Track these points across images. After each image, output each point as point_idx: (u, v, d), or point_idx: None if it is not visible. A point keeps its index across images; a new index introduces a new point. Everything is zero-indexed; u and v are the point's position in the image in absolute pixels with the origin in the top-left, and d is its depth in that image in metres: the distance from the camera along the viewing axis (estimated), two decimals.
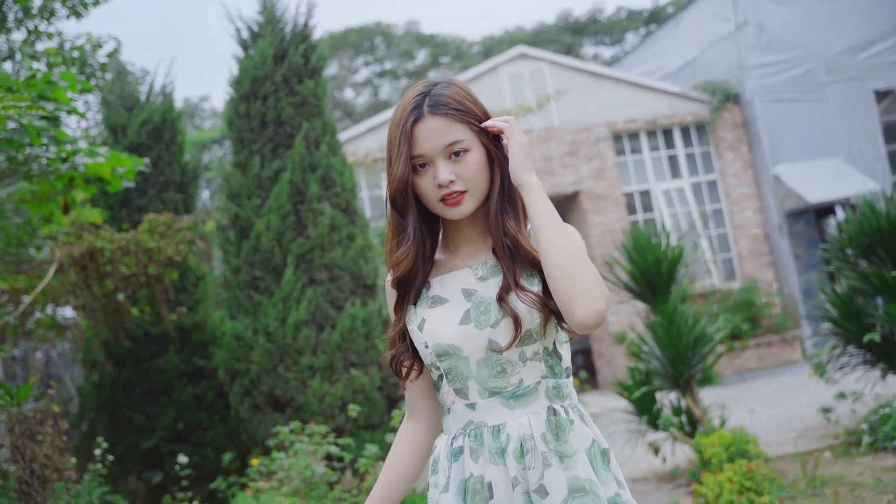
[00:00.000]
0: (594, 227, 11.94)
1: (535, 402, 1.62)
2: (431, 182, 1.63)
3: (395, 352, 1.72)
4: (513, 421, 1.61)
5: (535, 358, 1.63)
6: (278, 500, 3.91)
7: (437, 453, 1.72)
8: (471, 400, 1.65)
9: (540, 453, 1.58)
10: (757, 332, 11.65)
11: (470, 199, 1.64)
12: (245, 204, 6.67)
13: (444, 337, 1.64)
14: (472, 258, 1.71)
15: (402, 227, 1.68)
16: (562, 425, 1.61)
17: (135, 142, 7.82)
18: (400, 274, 1.68)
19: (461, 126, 1.62)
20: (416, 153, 1.62)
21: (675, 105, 12.60)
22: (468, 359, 1.63)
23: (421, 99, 1.64)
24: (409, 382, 1.75)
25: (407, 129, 1.61)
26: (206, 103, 29.08)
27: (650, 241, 5.64)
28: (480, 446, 1.62)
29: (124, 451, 7.25)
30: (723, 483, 4.10)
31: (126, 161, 4.84)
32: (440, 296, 1.69)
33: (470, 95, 1.68)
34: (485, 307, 1.63)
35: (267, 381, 6.32)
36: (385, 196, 1.70)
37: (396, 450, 1.77)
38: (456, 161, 1.62)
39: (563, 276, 1.52)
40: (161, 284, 6.70)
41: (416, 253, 1.67)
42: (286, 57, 6.77)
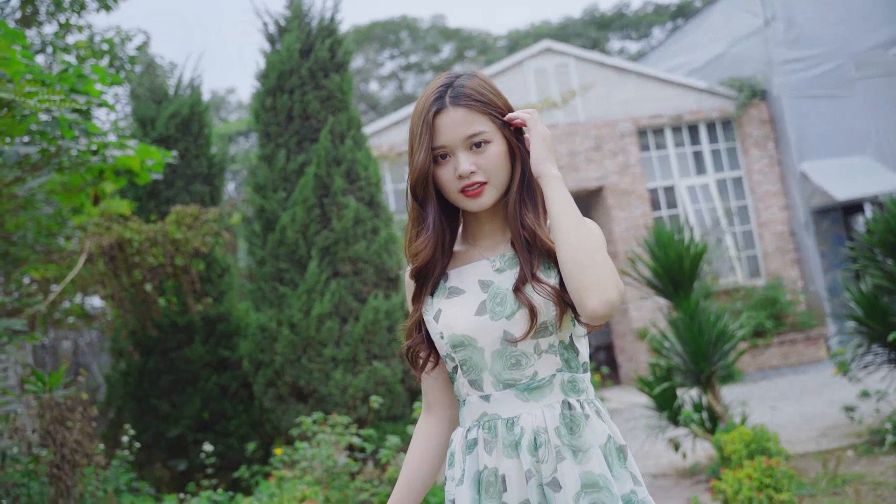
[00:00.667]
0: (618, 223, 11.92)
1: (550, 395, 1.62)
2: (452, 173, 1.63)
3: (411, 342, 1.73)
4: (527, 413, 1.60)
5: (551, 351, 1.62)
6: (301, 488, 3.97)
7: (453, 447, 1.71)
8: (485, 392, 1.64)
9: (553, 447, 1.57)
10: (781, 330, 11.58)
11: (490, 191, 1.64)
12: (271, 197, 6.75)
13: (459, 328, 1.64)
14: (491, 250, 1.71)
15: (422, 218, 1.68)
16: (576, 419, 1.60)
17: (163, 134, 7.92)
18: (419, 264, 1.68)
19: (483, 118, 1.63)
20: (438, 144, 1.63)
21: (701, 101, 12.53)
22: (483, 350, 1.63)
23: (443, 90, 1.64)
24: (425, 374, 1.75)
25: (429, 119, 1.62)
26: (232, 96, 29.30)
27: (673, 237, 5.64)
28: (494, 438, 1.62)
29: (150, 439, 7.36)
30: (742, 479, 4.11)
31: (155, 154, 4.92)
32: (457, 287, 1.69)
33: (492, 88, 1.68)
34: (500, 298, 1.63)
35: (290, 372, 6.40)
36: (406, 186, 1.71)
37: (414, 448, 1.78)
38: (477, 152, 1.62)
39: (576, 266, 1.52)
40: (188, 275, 6.80)
41: (436, 243, 1.67)
42: (312, 51, 6.83)
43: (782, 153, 12.45)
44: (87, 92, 4.82)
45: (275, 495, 4.24)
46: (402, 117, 11.60)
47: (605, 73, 12.23)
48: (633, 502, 1.60)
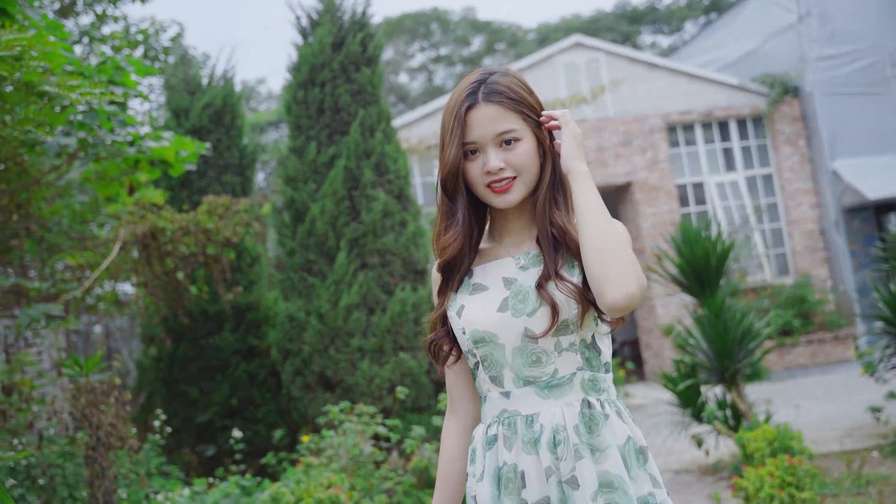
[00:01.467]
0: (646, 219, 11.90)
1: (570, 393, 1.62)
2: (481, 168, 1.65)
3: (434, 335, 1.75)
4: (546, 411, 1.61)
5: (572, 349, 1.63)
6: (327, 475, 4.06)
7: (474, 443, 1.73)
8: (505, 388, 1.66)
9: (572, 445, 1.58)
10: (809, 329, 11.50)
11: (519, 187, 1.66)
12: (301, 188, 6.84)
13: (480, 323, 1.65)
14: (516, 248, 1.72)
15: (452, 212, 1.70)
16: (595, 419, 1.61)
17: (196, 125, 8.04)
18: (447, 258, 1.70)
19: (514, 115, 1.64)
20: (469, 139, 1.64)
21: (732, 97, 12.45)
22: (504, 346, 1.64)
23: (476, 86, 1.65)
24: (448, 368, 1.77)
25: (461, 115, 1.63)
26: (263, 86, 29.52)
27: (700, 235, 5.65)
28: (514, 435, 1.63)
29: (179, 424, 7.50)
30: (763, 477, 4.13)
31: (189, 145, 5.03)
32: (481, 283, 1.70)
33: (525, 86, 1.69)
34: (523, 295, 1.64)
35: (318, 362, 6.50)
36: (436, 180, 1.72)
37: (445, 449, 1.79)
38: (506, 149, 1.64)
39: (599, 258, 1.53)
40: (219, 264, 6.91)
41: (464, 237, 1.69)
42: (344, 45, 6.91)
43: (814, 151, 12.34)
44: (124, 83, 4.94)
45: (301, 481, 4.33)
46: (431, 110, 11.65)
47: (636, 69, 12.19)
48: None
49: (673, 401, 6.12)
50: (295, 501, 3.69)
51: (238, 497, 4.87)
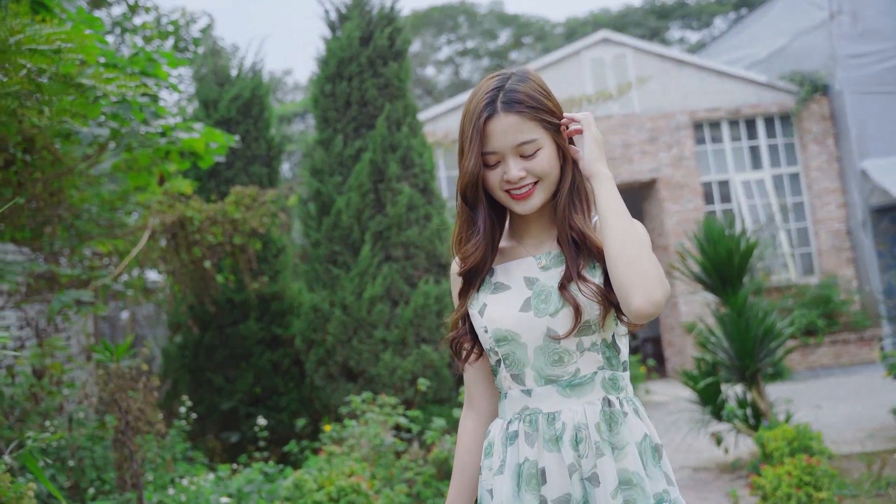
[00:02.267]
0: (670, 216, 11.87)
1: (591, 392, 1.64)
2: (500, 176, 1.66)
3: (456, 334, 1.77)
4: (568, 409, 1.63)
5: (593, 349, 1.65)
6: (349, 464, 4.14)
7: (491, 437, 1.74)
8: (527, 386, 1.67)
9: (593, 442, 1.60)
10: (833, 330, 11.43)
11: (540, 193, 1.67)
12: (327, 181, 6.92)
13: (503, 322, 1.67)
14: (537, 248, 1.74)
15: (473, 221, 1.71)
16: (615, 417, 1.63)
17: (225, 116, 8.14)
18: (469, 267, 1.72)
19: (533, 124, 1.63)
20: (488, 149, 1.64)
21: (760, 94, 12.37)
22: (526, 345, 1.66)
23: (495, 94, 1.64)
24: (468, 365, 1.79)
25: (479, 125, 1.63)
26: (290, 77, 29.69)
27: (723, 233, 5.65)
28: (535, 432, 1.65)
29: (204, 411, 7.63)
30: (781, 476, 4.15)
31: (219, 137, 5.11)
32: (503, 282, 1.72)
33: (544, 90, 1.68)
34: (545, 296, 1.66)
35: (341, 352, 6.59)
36: (455, 189, 1.73)
37: (462, 444, 1.82)
38: (527, 158, 1.64)
39: (623, 263, 1.54)
40: (245, 254, 7.01)
41: (486, 247, 1.71)
42: (372, 39, 6.97)
43: (842, 150, 12.24)
44: (156, 75, 5.03)
45: (324, 469, 4.41)
46: (457, 104, 11.69)
47: (663, 65, 12.15)
48: (665, 501, 1.62)
49: (693, 398, 6.14)
50: (317, 488, 3.77)
51: (261, 483, 4.96)
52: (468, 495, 1.79)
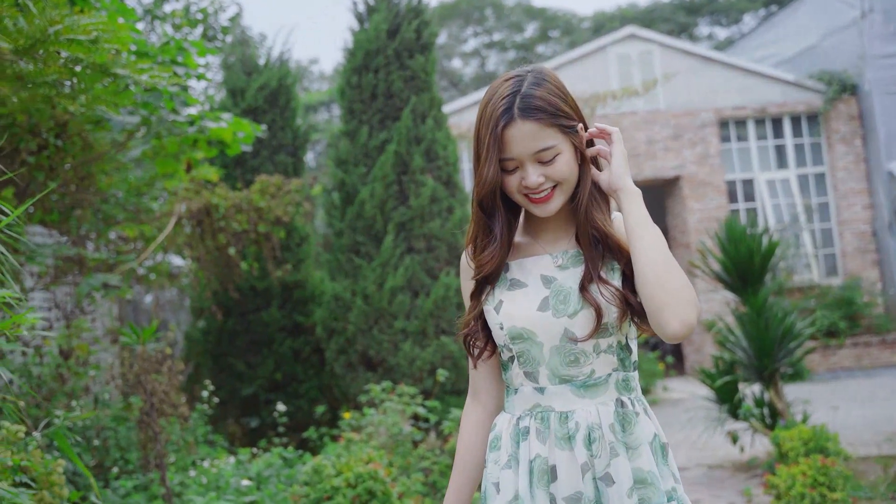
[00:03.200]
0: (693, 213, 11.84)
1: (605, 393, 1.65)
2: (519, 181, 1.64)
3: (469, 330, 1.75)
4: (581, 409, 1.63)
5: (609, 351, 1.66)
6: (367, 451, 4.21)
7: (497, 431, 1.73)
8: (540, 384, 1.67)
9: (607, 443, 1.61)
10: (855, 332, 11.37)
11: (559, 196, 1.65)
12: (351, 171, 6.99)
13: (520, 320, 1.66)
14: (553, 245, 1.72)
15: (490, 228, 1.69)
16: (628, 417, 1.64)
17: (252, 105, 8.22)
18: (484, 274, 1.70)
19: (551, 130, 1.61)
20: (506, 156, 1.62)
21: (787, 93, 12.29)
22: (542, 345, 1.65)
23: (511, 100, 1.61)
24: (481, 362, 1.78)
25: (497, 133, 1.60)
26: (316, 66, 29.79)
27: (745, 233, 5.66)
28: (547, 429, 1.64)
29: (225, 396, 7.74)
30: (796, 476, 4.17)
31: (246, 127, 5.19)
32: (519, 280, 1.70)
33: (561, 92, 1.65)
34: (564, 296, 1.65)
35: (362, 341, 6.67)
36: (471, 196, 1.71)
37: (466, 436, 1.81)
38: (546, 164, 1.63)
39: (655, 284, 1.55)
40: (269, 242, 7.10)
41: (503, 254, 1.69)
42: (399, 32, 7.02)
43: (869, 150, 12.13)
44: (186, 64, 5.12)
45: (342, 456, 4.49)
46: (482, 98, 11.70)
47: (690, 62, 12.10)
48: (675, 499, 1.64)
49: (710, 396, 6.16)
50: (336, 474, 3.84)
51: (280, 468, 5.05)
52: (471, 487, 1.78)
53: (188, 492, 4.51)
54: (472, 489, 1.79)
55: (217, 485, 4.67)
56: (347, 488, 3.77)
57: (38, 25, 2.69)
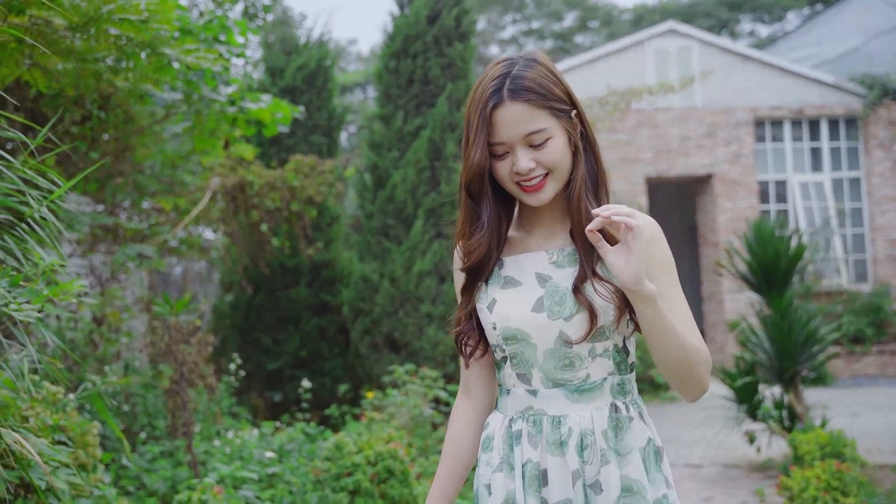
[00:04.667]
0: (723, 212, 11.80)
1: (600, 397, 1.60)
2: (510, 167, 1.57)
3: (461, 329, 1.69)
4: (575, 414, 1.58)
5: (605, 355, 1.60)
6: (388, 431, 4.31)
7: (490, 430, 1.69)
8: (533, 387, 1.61)
9: (599, 449, 1.57)
10: (882, 339, 11.29)
11: (551, 184, 1.58)
12: (385, 155, 7.08)
13: (513, 321, 1.60)
14: (548, 241, 1.66)
15: (477, 215, 1.63)
16: (622, 422, 1.59)
17: (290, 85, 8.33)
18: (471, 263, 1.64)
19: (542, 112, 1.54)
20: (495, 140, 1.55)
21: (826, 96, 12.16)
22: (536, 346, 1.59)
23: (501, 81, 1.54)
24: (473, 361, 1.72)
25: (486, 114, 1.54)
26: (353, 46, 29.87)
27: (773, 235, 5.67)
28: (539, 433, 1.60)
29: (251, 369, 7.91)
30: (809, 479, 4.21)
31: (284, 108, 5.29)
32: (513, 277, 1.64)
33: (553, 76, 1.57)
34: (559, 297, 1.58)
35: (387, 323, 6.77)
36: (459, 181, 1.65)
37: (455, 432, 1.76)
38: (536, 149, 1.55)
39: (673, 379, 1.58)
40: (301, 221, 7.23)
41: (490, 242, 1.63)
42: (439, 18, 7.07)
43: None
44: (228, 43, 5.21)
45: (363, 434, 4.59)
46: None
47: (728, 59, 12.01)
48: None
49: (729, 396, 6.19)
50: (357, 451, 3.94)
51: (302, 442, 5.17)
52: (457, 483, 1.74)
53: (212, 460, 4.64)
54: (458, 483, 1.75)
55: (240, 455, 4.80)
56: (367, 466, 3.87)
57: (92, 3, 2.79)
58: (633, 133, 11.65)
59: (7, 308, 1.82)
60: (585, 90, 11.55)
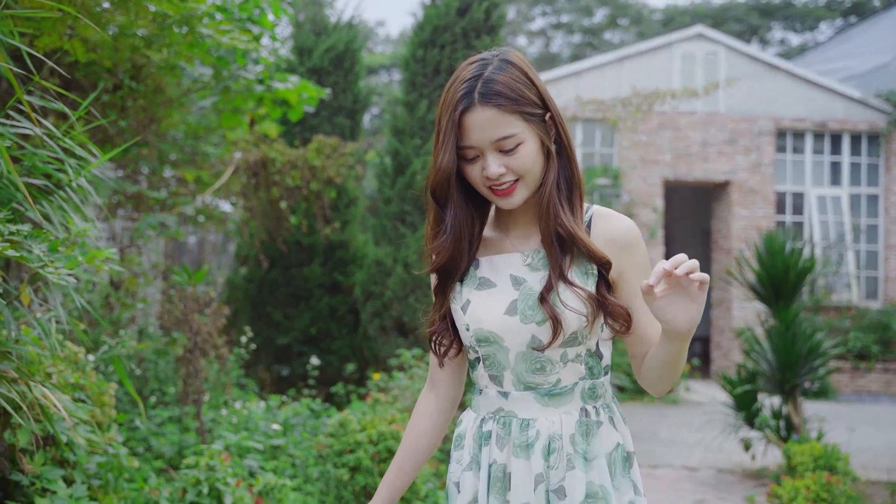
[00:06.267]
0: (738, 220, 11.83)
1: (570, 402, 1.59)
2: (480, 171, 1.54)
3: (435, 329, 1.67)
4: (544, 418, 1.58)
5: (577, 360, 1.59)
6: (392, 412, 4.43)
7: (462, 429, 1.69)
8: (504, 389, 1.61)
9: (566, 454, 1.55)
10: (887, 357, 11.31)
11: (522, 189, 1.55)
12: (407, 142, 7.17)
13: (486, 323, 1.58)
14: (524, 242, 1.63)
15: (441, 219, 1.60)
16: (591, 427, 1.58)
17: (317, 66, 8.42)
18: (438, 263, 1.62)
19: (513, 117, 1.50)
20: (465, 144, 1.52)
21: (850, 110, 12.14)
22: (508, 350, 1.58)
23: (472, 84, 1.50)
24: (447, 360, 1.71)
25: (455, 118, 1.50)
26: (381, 28, 29.88)
27: (783, 247, 5.73)
28: (508, 435, 1.59)
29: (260, 343, 8.05)
30: (799, 489, 4.30)
31: (311, 90, 5.38)
32: (488, 279, 1.62)
33: (525, 78, 1.54)
34: (533, 301, 1.56)
35: (397, 307, 6.89)
36: (425, 185, 1.62)
37: (417, 424, 1.75)
38: (507, 154, 1.52)
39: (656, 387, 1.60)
40: (320, 201, 7.34)
41: (455, 245, 1.60)
42: (469, 11, 7.15)
43: None
44: (261, 23, 5.31)
45: (367, 414, 4.72)
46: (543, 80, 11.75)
47: (754, 67, 12.00)
48: None
49: (729, 402, 6.27)
50: (360, 429, 4.06)
51: (307, 417, 5.30)
52: (409, 477, 1.74)
53: (219, 429, 4.78)
54: (412, 473, 1.74)
55: (246, 426, 4.94)
56: (369, 444, 3.99)
57: None
58: (654, 134, 11.68)
59: (43, 270, 1.93)
60: (611, 89, 11.58)
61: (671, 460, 6.47)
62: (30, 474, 2.43)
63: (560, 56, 27.29)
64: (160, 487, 3.11)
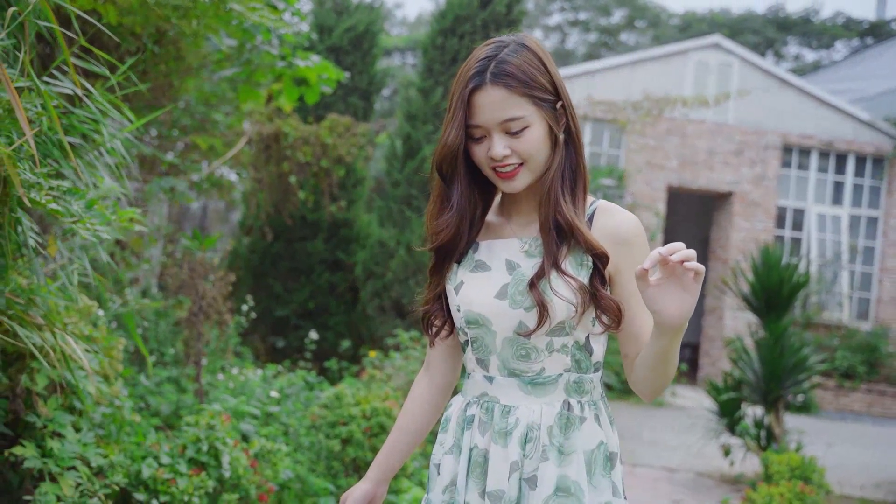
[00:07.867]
0: (738, 231, 11.95)
1: (553, 393, 1.58)
2: (486, 152, 1.54)
3: (428, 308, 1.69)
4: (525, 406, 1.57)
5: (563, 351, 1.58)
6: (385, 390, 4.55)
7: (449, 412, 1.69)
8: (490, 373, 1.61)
9: (541, 445, 1.54)
10: (872, 378, 11.46)
11: (525, 174, 1.55)
12: (419, 127, 7.27)
13: (476, 305, 1.59)
14: (524, 229, 1.63)
15: (447, 196, 1.61)
16: (571, 421, 1.56)
17: (336, 45, 8.50)
18: (439, 242, 1.62)
19: (523, 100, 1.50)
20: (473, 122, 1.53)
21: (858, 131, 12.25)
22: (495, 334, 1.58)
23: (485, 63, 1.51)
24: (438, 340, 1.72)
25: (465, 95, 1.51)
26: (400, 10, 29.88)
27: (779, 261, 5.86)
28: (490, 421, 1.59)
29: (258, 313, 8.17)
30: (773, 495, 4.43)
31: (331, 71, 5.48)
32: (484, 262, 1.62)
33: (540, 63, 1.53)
34: (523, 286, 1.55)
35: (397, 289, 7.01)
36: (431, 161, 1.62)
37: (409, 407, 1.77)
38: (513, 136, 1.52)
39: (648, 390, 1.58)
40: (328, 178, 7.44)
41: (458, 223, 1.60)
42: (491, 3, 7.24)
43: None
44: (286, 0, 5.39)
45: (361, 389, 4.84)
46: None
47: (767, 81, 12.10)
48: None
49: (713, 408, 6.41)
50: (354, 403, 4.18)
51: (302, 388, 5.43)
52: (400, 458, 1.76)
53: (215, 392, 4.90)
54: (403, 454, 1.76)
55: (242, 391, 5.06)
56: (362, 419, 4.11)
57: None
58: (661, 139, 11.78)
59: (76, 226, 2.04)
60: (623, 91, 11.67)
61: (651, 460, 6.62)
62: (43, 417, 2.55)
63: (575, 53, 27.30)
64: (160, 442, 3.22)
